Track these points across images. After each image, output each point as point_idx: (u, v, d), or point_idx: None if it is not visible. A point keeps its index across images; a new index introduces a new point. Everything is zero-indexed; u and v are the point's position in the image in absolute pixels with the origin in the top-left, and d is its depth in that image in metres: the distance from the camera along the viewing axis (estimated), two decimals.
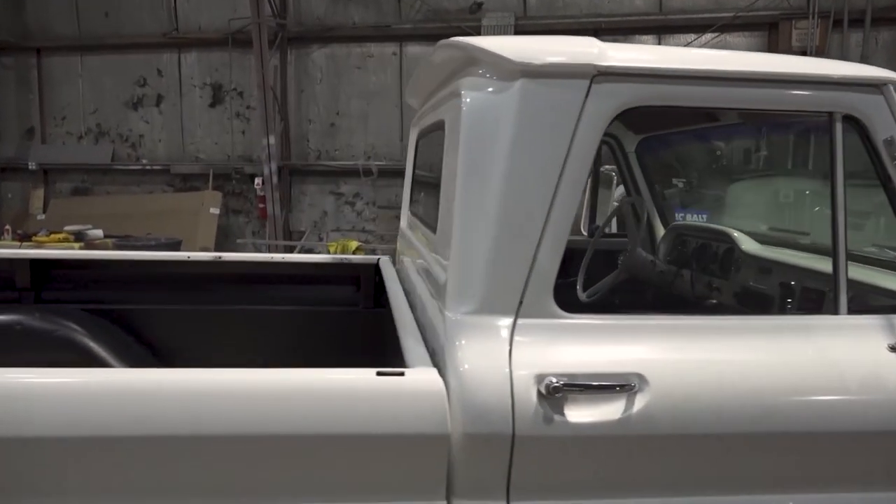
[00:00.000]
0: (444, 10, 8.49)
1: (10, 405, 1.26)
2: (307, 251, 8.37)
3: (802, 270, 2.14)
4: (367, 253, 7.59)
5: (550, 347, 1.43)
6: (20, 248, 6.54)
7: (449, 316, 1.46)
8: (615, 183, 4.96)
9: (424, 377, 1.38)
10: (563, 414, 1.37)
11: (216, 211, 8.80)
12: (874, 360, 1.48)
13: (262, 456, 1.31)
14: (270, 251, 8.35)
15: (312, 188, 9.15)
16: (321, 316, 3.08)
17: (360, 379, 1.36)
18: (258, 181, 8.71)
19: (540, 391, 1.37)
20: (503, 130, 1.45)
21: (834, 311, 1.56)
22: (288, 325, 3.05)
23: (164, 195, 9.38)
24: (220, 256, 3.06)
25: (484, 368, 1.38)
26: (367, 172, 8.75)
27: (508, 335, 1.43)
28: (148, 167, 9.43)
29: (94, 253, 3.06)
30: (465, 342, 1.42)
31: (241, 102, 9.18)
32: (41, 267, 2.95)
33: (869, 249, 2.35)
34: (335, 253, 7.35)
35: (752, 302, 2.17)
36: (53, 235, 7.32)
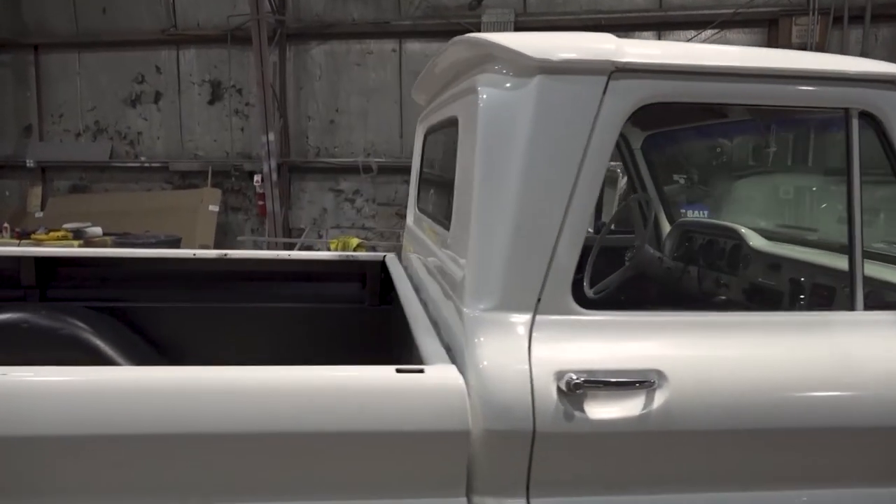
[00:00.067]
0: (443, 6, 8.47)
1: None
2: (307, 248, 8.36)
3: (814, 267, 2.15)
4: (367, 250, 7.59)
5: (569, 344, 1.43)
6: (19, 245, 6.52)
7: (467, 313, 1.46)
8: (620, 180, 4.97)
9: (444, 374, 1.38)
10: (583, 410, 1.37)
11: (215, 208, 8.78)
12: (892, 355, 1.49)
13: (282, 453, 1.31)
14: (270, 248, 8.35)
15: (312, 185, 9.14)
16: (327, 313, 3.08)
17: (379, 376, 1.36)
18: (257, 178, 8.70)
19: (560, 388, 1.37)
20: (521, 127, 1.45)
21: (850, 307, 1.56)
22: (293, 322, 3.05)
23: (162, 193, 9.35)
24: (225, 254, 3.05)
25: (503, 365, 1.38)
26: (366, 169, 8.74)
27: (527, 332, 1.43)
28: (146, 165, 9.40)
29: (98, 251, 3.05)
30: (483, 339, 1.42)
31: (239, 99, 9.16)
32: (46, 265, 2.94)
33: (878, 245, 2.36)
34: (336, 250, 7.34)
35: (766, 298, 2.17)
36: (52, 233, 7.28)
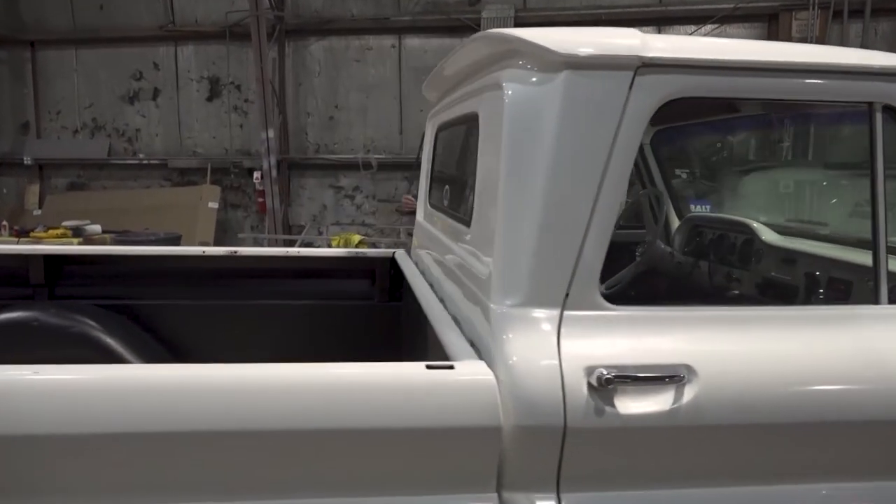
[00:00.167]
0: (443, 2, 8.45)
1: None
2: (306, 245, 8.35)
3: (831, 261, 2.15)
4: (368, 246, 7.58)
5: (598, 339, 1.43)
6: (18, 244, 6.48)
7: (494, 309, 1.46)
8: None
9: (474, 370, 1.38)
10: (613, 405, 1.37)
11: (215, 205, 8.76)
12: None
13: (313, 450, 1.31)
14: (271, 245, 8.33)
15: (311, 182, 9.12)
16: (336, 310, 3.08)
17: (410, 373, 1.36)
18: (257, 175, 8.67)
19: (590, 383, 1.37)
20: (547, 122, 1.45)
21: (875, 300, 1.57)
22: (302, 319, 3.05)
23: (161, 190, 9.32)
24: (235, 251, 3.04)
25: (534, 361, 1.38)
26: (366, 166, 8.72)
27: (556, 328, 1.43)
28: (145, 162, 9.36)
29: (107, 248, 3.04)
30: (512, 335, 1.42)
31: (238, 96, 9.12)
32: (54, 262, 2.93)
33: (892, 239, 2.36)
34: (337, 247, 7.33)
35: (788, 293, 2.17)
36: (51, 231, 7.25)
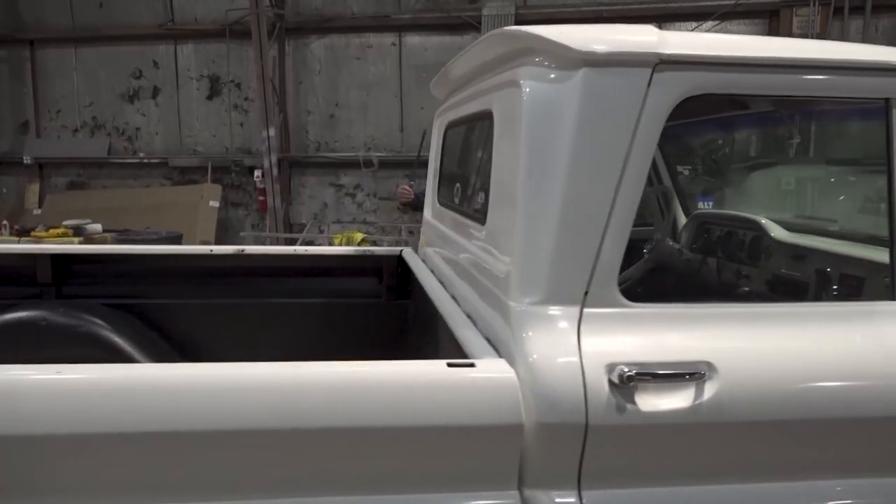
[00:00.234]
0: None
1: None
2: (308, 243, 8.34)
3: (845, 258, 2.15)
4: (370, 245, 7.58)
5: (618, 337, 1.43)
6: (19, 243, 6.47)
7: (514, 307, 1.46)
8: None
9: (496, 368, 1.38)
10: (634, 403, 1.37)
11: (216, 204, 8.75)
12: None
13: (334, 449, 1.31)
14: (272, 244, 8.32)
15: (312, 180, 9.11)
16: (343, 308, 3.07)
17: (431, 371, 1.36)
18: (258, 174, 8.66)
19: (611, 380, 1.37)
20: (566, 120, 1.45)
21: (892, 297, 1.57)
22: (310, 317, 3.04)
23: (161, 189, 9.30)
24: (242, 249, 3.04)
25: (554, 358, 1.38)
26: (367, 164, 8.71)
27: (576, 325, 1.43)
28: (145, 160, 9.34)
29: (114, 248, 3.04)
30: (532, 333, 1.42)
31: (238, 94, 9.10)
32: (61, 262, 2.92)
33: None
34: (340, 245, 7.33)
35: (804, 289, 2.18)
36: (52, 230, 7.23)
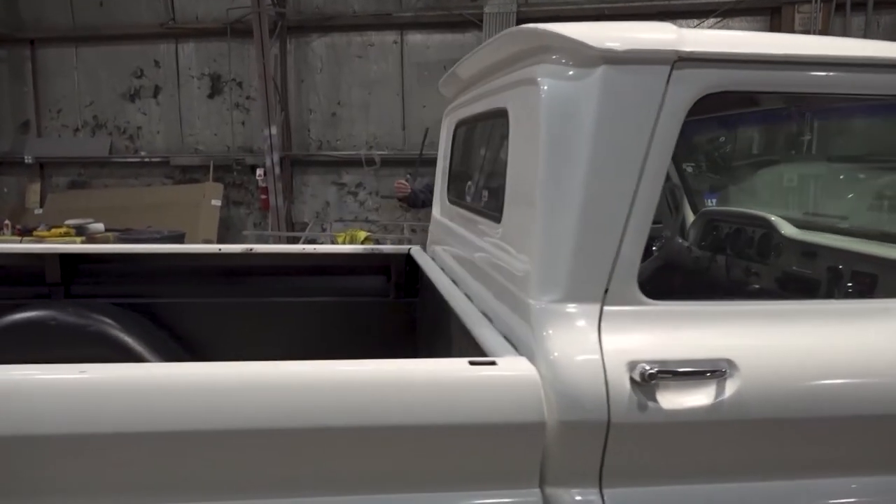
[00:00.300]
0: None
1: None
2: (310, 242, 8.34)
3: (858, 255, 2.15)
4: (374, 243, 7.57)
5: (638, 334, 1.43)
6: (21, 242, 6.47)
7: (534, 305, 1.46)
8: None
9: (517, 366, 1.38)
10: (656, 400, 1.37)
11: (218, 203, 8.74)
12: None
13: (356, 447, 1.31)
14: (274, 243, 8.31)
15: (314, 179, 9.10)
16: (352, 307, 3.07)
17: (453, 369, 1.36)
18: (260, 172, 8.65)
19: (633, 378, 1.37)
20: (585, 117, 1.44)
21: None
22: (317, 316, 3.04)
23: (163, 188, 9.29)
24: (251, 248, 3.04)
25: (576, 356, 1.38)
26: (369, 162, 8.70)
27: (596, 323, 1.43)
28: (146, 160, 9.33)
29: (122, 247, 3.03)
30: (552, 331, 1.42)
31: (240, 93, 9.09)
32: (70, 261, 2.92)
33: None
34: (344, 244, 7.33)
35: (820, 286, 2.18)
36: (54, 230, 7.23)
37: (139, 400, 1.24)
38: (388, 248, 3.16)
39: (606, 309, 1.44)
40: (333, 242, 7.97)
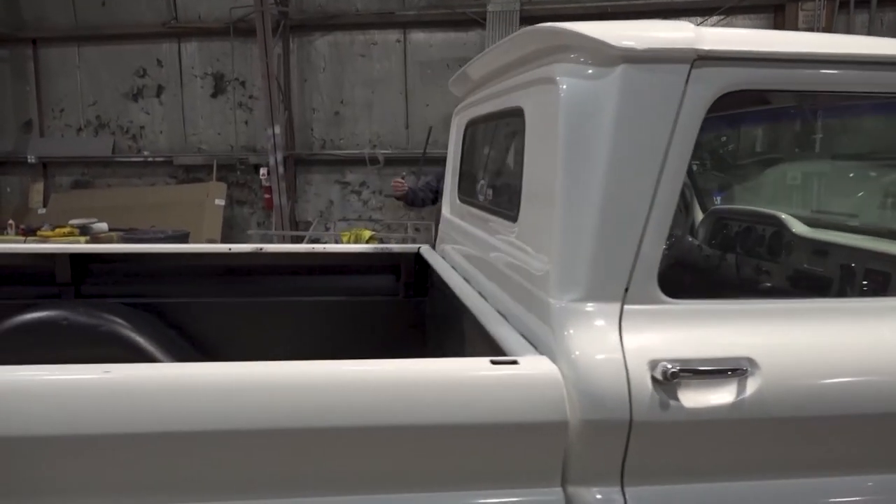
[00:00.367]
0: None
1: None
2: (314, 241, 8.34)
3: (871, 253, 2.15)
4: (378, 242, 7.58)
5: (659, 333, 1.43)
6: (25, 242, 6.47)
7: (554, 304, 1.46)
8: None
9: (539, 365, 1.38)
10: (677, 399, 1.37)
11: (221, 202, 8.74)
12: None
13: (378, 446, 1.31)
14: (278, 242, 8.32)
15: (318, 178, 9.10)
16: (361, 306, 3.08)
17: (475, 368, 1.36)
18: (264, 171, 8.66)
19: (655, 377, 1.37)
20: (605, 116, 1.44)
21: None
22: (327, 315, 3.05)
23: (167, 187, 9.29)
24: (261, 248, 3.04)
25: (597, 355, 1.38)
26: (373, 161, 8.70)
27: (617, 322, 1.43)
28: (150, 159, 9.34)
29: (133, 247, 3.04)
30: (573, 330, 1.42)
31: (243, 92, 9.10)
32: (79, 261, 2.92)
33: None
34: (348, 243, 7.33)
35: (838, 285, 2.18)
36: (58, 230, 7.24)
37: (166, 400, 1.24)
38: (397, 247, 3.16)
39: (627, 308, 1.45)
40: (338, 241, 7.98)
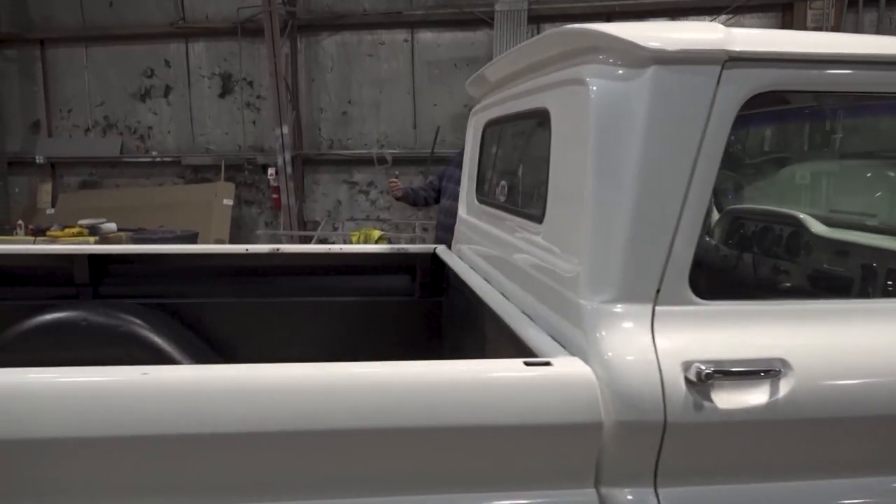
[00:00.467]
0: None
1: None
2: (322, 241, 8.35)
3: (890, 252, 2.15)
4: (387, 242, 7.58)
5: (691, 334, 1.43)
6: (34, 243, 6.49)
7: (586, 305, 1.46)
8: None
9: (573, 367, 1.38)
10: (711, 400, 1.37)
11: (230, 202, 8.76)
12: None
13: (412, 447, 1.31)
14: (287, 242, 8.33)
15: (325, 177, 9.11)
16: (377, 306, 3.08)
17: (509, 369, 1.36)
18: (272, 171, 8.67)
19: (688, 378, 1.37)
20: (636, 117, 1.45)
21: None
22: (343, 315, 3.06)
23: (175, 187, 9.31)
24: (277, 249, 3.05)
25: (631, 357, 1.38)
26: (381, 161, 8.71)
27: (649, 323, 1.43)
28: (158, 159, 9.35)
29: (151, 248, 3.04)
30: (606, 332, 1.42)
31: (251, 92, 9.10)
32: (97, 262, 2.93)
33: None
34: (358, 243, 7.34)
35: (867, 286, 2.17)
36: (68, 230, 7.25)
37: (204, 401, 1.24)
38: (413, 247, 3.17)
39: (658, 309, 1.45)
40: (346, 241, 7.98)
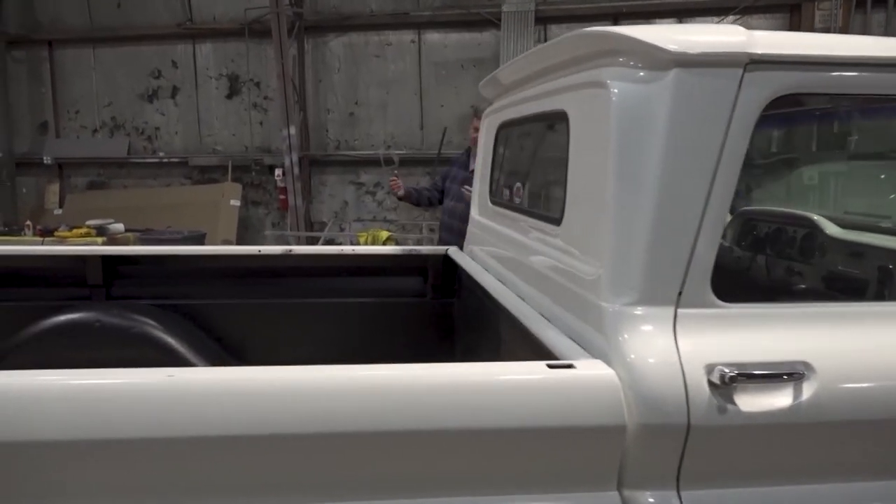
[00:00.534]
0: None
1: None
2: (329, 242, 8.36)
3: None
4: (394, 243, 7.59)
5: (714, 337, 1.43)
6: (43, 244, 6.51)
7: (608, 308, 1.46)
8: None
9: (596, 369, 1.38)
10: (734, 403, 1.37)
11: (237, 203, 8.77)
12: None
13: (434, 450, 1.32)
14: (294, 243, 8.34)
15: (332, 178, 9.12)
16: (389, 307, 3.09)
17: (532, 372, 1.37)
18: (279, 172, 8.68)
19: (711, 381, 1.37)
20: (657, 120, 1.45)
21: None
22: (355, 317, 3.06)
23: (182, 188, 9.33)
24: (290, 250, 3.05)
25: (654, 359, 1.38)
26: (388, 161, 8.72)
27: (671, 326, 1.43)
28: (165, 160, 9.38)
29: (163, 249, 3.05)
30: (628, 335, 1.42)
31: (258, 93, 9.12)
32: (110, 263, 2.94)
33: None
34: (365, 244, 7.34)
35: (885, 288, 2.17)
36: (75, 230, 7.27)
37: (230, 403, 1.25)
38: (425, 248, 3.17)
39: (680, 311, 1.45)
40: (354, 242, 7.99)
